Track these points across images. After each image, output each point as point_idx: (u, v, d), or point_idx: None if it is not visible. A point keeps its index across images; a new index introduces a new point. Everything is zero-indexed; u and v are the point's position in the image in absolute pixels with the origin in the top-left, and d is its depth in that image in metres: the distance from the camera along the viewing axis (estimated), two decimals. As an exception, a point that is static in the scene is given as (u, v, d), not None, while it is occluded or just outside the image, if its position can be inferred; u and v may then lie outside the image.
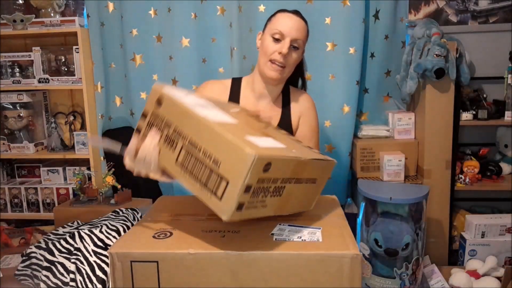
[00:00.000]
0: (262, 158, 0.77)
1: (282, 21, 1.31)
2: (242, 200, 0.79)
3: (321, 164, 1.01)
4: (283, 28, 1.29)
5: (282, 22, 1.31)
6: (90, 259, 1.43)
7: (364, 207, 1.69)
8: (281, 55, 1.29)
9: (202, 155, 0.83)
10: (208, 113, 0.89)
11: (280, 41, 1.30)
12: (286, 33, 1.29)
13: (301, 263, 0.83)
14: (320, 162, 1.01)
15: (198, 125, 0.85)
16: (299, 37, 1.31)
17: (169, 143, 0.90)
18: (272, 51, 1.30)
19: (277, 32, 1.29)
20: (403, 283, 1.62)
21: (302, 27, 1.33)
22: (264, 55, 1.32)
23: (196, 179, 0.84)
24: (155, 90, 0.95)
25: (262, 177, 0.81)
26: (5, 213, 2.37)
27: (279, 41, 1.30)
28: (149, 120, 0.96)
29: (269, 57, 1.30)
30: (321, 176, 1.06)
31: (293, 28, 1.30)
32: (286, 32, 1.29)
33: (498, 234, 1.90)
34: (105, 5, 2.23)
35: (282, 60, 1.30)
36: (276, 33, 1.30)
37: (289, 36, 1.29)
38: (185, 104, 0.89)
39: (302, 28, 1.33)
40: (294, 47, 1.32)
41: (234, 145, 0.78)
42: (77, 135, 2.31)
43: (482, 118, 1.98)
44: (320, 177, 1.05)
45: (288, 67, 1.33)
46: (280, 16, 1.33)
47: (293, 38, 1.30)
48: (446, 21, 2.19)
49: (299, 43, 1.32)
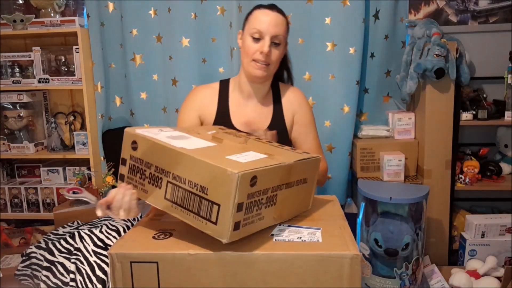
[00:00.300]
0: (245, 174, 0.78)
1: (260, 19, 1.30)
2: (237, 219, 0.80)
3: (306, 163, 1.01)
4: (261, 26, 1.28)
5: (259, 20, 1.29)
6: (90, 259, 1.43)
7: (364, 207, 1.69)
8: (262, 54, 1.28)
9: (188, 186, 0.84)
10: (184, 143, 0.91)
11: (260, 40, 1.29)
12: (265, 31, 1.28)
13: (301, 264, 0.83)
14: (305, 161, 1.01)
15: (177, 158, 0.86)
16: (278, 33, 1.30)
17: (154, 182, 0.92)
18: (254, 51, 1.29)
19: (255, 31, 1.28)
20: (403, 283, 1.62)
21: (281, 22, 1.31)
22: (247, 56, 1.32)
23: (188, 210, 0.85)
24: (127, 134, 0.98)
25: (251, 192, 0.82)
26: (5, 213, 2.37)
27: (259, 40, 1.29)
28: (129, 166, 0.98)
29: (252, 57, 1.30)
30: (311, 174, 1.06)
31: (271, 25, 1.28)
32: (265, 30, 1.28)
33: (498, 234, 1.90)
34: (105, 5, 2.23)
35: (265, 59, 1.29)
36: (255, 33, 1.29)
37: (268, 34, 1.28)
38: (160, 141, 0.91)
39: (280, 23, 1.31)
40: (275, 44, 1.30)
41: (216, 168, 0.80)
42: (77, 135, 2.31)
43: (482, 118, 1.97)
44: (310, 175, 1.06)
45: (272, 64, 1.32)
46: (256, 14, 1.32)
47: (273, 35, 1.28)
48: (446, 21, 2.19)
49: (280, 39, 1.31)
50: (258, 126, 1.39)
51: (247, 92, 1.41)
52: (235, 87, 1.44)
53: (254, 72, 1.32)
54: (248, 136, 1.19)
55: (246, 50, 1.32)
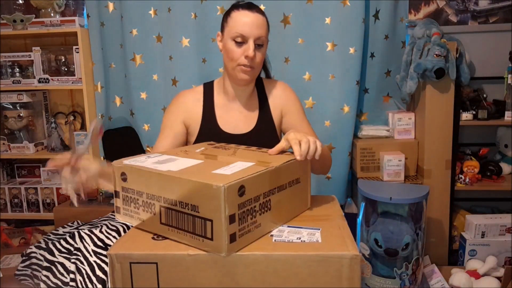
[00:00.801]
0: (231, 185, 0.80)
1: (240, 21, 1.25)
2: (231, 231, 0.81)
3: (295, 163, 1.02)
4: (243, 29, 1.25)
5: (240, 23, 1.25)
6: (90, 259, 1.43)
7: (364, 207, 1.69)
8: (248, 58, 1.25)
9: (180, 207, 0.86)
10: (171, 166, 0.94)
11: (243, 43, 1.26)
12: (248, 34, 1.25)
13: (301, 264, 0.83)
14: (294, 161, 1.01)
15: (164, 181, 0.89)
16: (261, 34, 1.27)
17: (148, 209, 0.94)
18: (238, 56, 1.26)
19: (237, 35, 1.25)
20: (403, 283, 1.62)
21: (262, 22, 1.28)
22: (231, 61, 1.29)
23: (184, 231, 0.87)
24: (116, 167, 1.00)
25: (242, 202, 0.84)
26: (5, 213, 2.37)
27: (242, 44, 1.26)
28: (123, 198, 1.00)
29: (236, 62, 1.27)
30: (303, 173, 1.06)
31: (253, 27, 1.25)
32: (248, 33, 1.25)
33: (498, 234, 1.90)
34: (105, 5, 2.23)
35: (250, 63, 1.27)
36: (238, 37, 1.25)
37: (251, 37, 1.25)
38: (147, 168, 0.93)
39: (261, 23, 1.27)
40: (259, 45, 1.28)
41: (202, 185, 0.82)
42: (77, 135, 2.31)
43: (482, 118, 1.97)
44: (302, 174, 1.06)
45: (257, 66, 1.30)
46: (236, 16, 1.27)
47: (256, 37, 1.25)
48: (446, 21, 2.19)
49: (263, 40, 1.28)
50: (245, 127, 1.38)
51: (232, 95, 1.39)
52: (220, 89, 1.42)
53: (240, 76, 1.29)
54: (237, 147, 1.19)
55: (229, 55, 1.29)
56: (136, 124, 2.35)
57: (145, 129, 2.32)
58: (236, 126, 1.39)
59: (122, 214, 1.02)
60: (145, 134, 2.33)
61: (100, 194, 2.17)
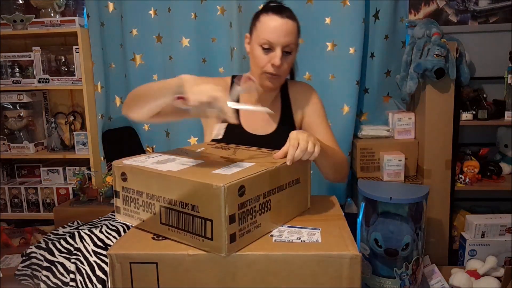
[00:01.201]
0: (231, 185, 0.80)
1: (269, 27, 1.20)
2: (231, 231, 0.82)
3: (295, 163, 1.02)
4: (271, 37, 1.20)
5: (268, 29, 1.20)
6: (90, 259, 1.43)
7: (364, 207, 1.68)
8: (274, 66, 1.21)
9: (180, 207, 0.87)
10: (171, 166, 0.94)
11: (270, 50, 1.21)
12: (275, 42, 1.20)
13: (301, 264, 0.83)
14: None
15: (164, 181, 0.89)
16: (289, 42, 1.22)
17: (148, 209, 0.94)
18: (264, 63, 1.22)
19: (265, 41, 1.20)
20: (403, 283, 1.62)
21: (291, 29, 1.22)
22: (257, 67, 1.25)
23: (184, 231, 0.87)
24: (116, 167, 1.00)
25: (242, 202, 0.84)
26: (5, 213, 2.37)
27: (269, 51, 1.22)
28: (123, 198, 1.00)
29: (262, 69, 1.24)
30: (303, 173, 1.06)
31: (282, 35, 1.20)
32: (275, 41, 1.20)
33: (498, 234, 1.90)
34: (105, 5, 2.23)
35: (276, 71, 1.23)
36: (265, 43, 1.21)
37: (279, 45, 1.20)
38: (147, 168, 0.93)
39: (291, 30, 1.22)
40: (287, 52, 1.23)
41: (202, 185, 0.82)
42: (77, 135, 2.31)
43: (482, 118, 1.97)
44: (303, 175, 1.06)
45: (284, 73, 1.27)
46: (265, 20, 1.22)
47: (284, 45, 1.21)
48: (446, 21, 2.19)
49: (291, 47, 1.23)
50: (266, 128, 1.36)
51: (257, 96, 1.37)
52: None
53: (265, 83, 1.26)
54: (237, 147, 1.19)
55: (256, 61, 1.25)
56: (136, 124, 2.35)
57: (145, 129, 2.32)
58: (258, 127, 1.36)
59: (122, 214, 1.02)
60: (145, 134, 2.33)
61: (100, 194, 2.17)
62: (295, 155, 0.97)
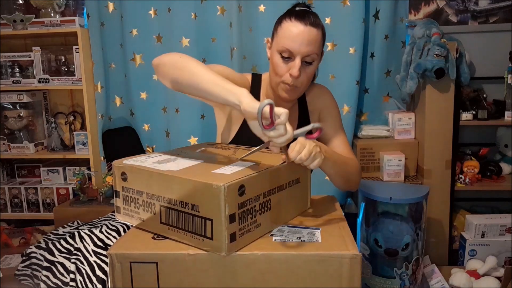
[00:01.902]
0: (231, 185, 0.80)
1: (290, 35, 1.11)
2: (231, 230, 0.82)
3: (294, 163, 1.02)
4: (291, 45, 1.11)
5: (290, 37, 1.11)
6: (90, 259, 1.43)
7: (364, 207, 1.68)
8: (292, 77, 1.13)
9: (180, 207, 0.87)
10: (171, 165, 0.94)
11: (290, 59, 1.13)
12: (296, 51, 1.11)
13: (300, 264, 0.83)
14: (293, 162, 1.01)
15: (164, 181, 0.89)
16: (311, 52, 1.12)
17: (148, 209, 0.94)
18: (283, 72, 1.14)
19: (284, 50, 1.12)
20: (403, 283, 1.62)
21: (314, 37, 1.12)
22: (275, 75, 1.17)
23: (184, 230, 0.87)
24: (116, 167, 1.00)
25: (242, 201, 0.84)
26: (5, 213, 2.37)
27: (289, 59, 1.13)
28: (123, 197, 1.00)
29: (280, 78, 1.15)
30: (303, 173, 1.06)
31: (303, 43, 1.10)
32: (295, 50, 1.11)
33: (498, 234, 1.90)
34: (105, 5, 2.23)
35: (294, 82, 1.14)
36: (284, 51, 1.12)
37: (299, 54, 1.11)
38: (147, 167, 0.93)
39: (314, 39, 1.12)
40: (307, 63, 1.14)
41: (202, 184, 0.82)
42: (77, 135, 2.31)
43: (482, 118, 1.97)
44: (302, 175, 1.06)
45: (302, 85, 1.18)
46: (287, 27, 1.13)
47: (304, 55, 1.11)
48: (446, 21, 2.19)
49: (313, 57, 1.13)
50: None
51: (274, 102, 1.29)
52: (264, 89, 1.29)
53: (282, 94, 1.18)
54: (237, 147, 1.19)
55: (274, 69, 1.16)
56: (136, 124, 2.35)
57: (145, 129, 2.32)
58: None
59: (122, 214, 1.02)
60: (145, 134, 2.33)
61: (100, 194, 2.17)
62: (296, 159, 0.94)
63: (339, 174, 1.16)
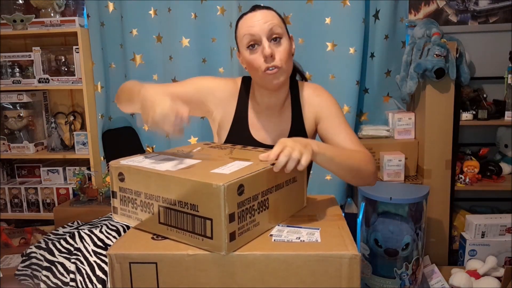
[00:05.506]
0: (231, 184, 0.80)
1: (247, 24, 1.14)
2: (231, 230, 0.82)
3: None
4: (251, 30, 1.12)
5: (246, 26, 1.14)
6: (90, 259, 1.43)
7: (364, 207, 1.69)
8: (267, 58, 1.11)
9: (179, 207, 0.86)
10: (169, 165, 0.94)
11: (257, 45, 1.13)
12: (257, 32, 1.12)
13: (300, 264, 0.83)
14: None
15: (163, 181, 0.89)
16: (272, 26, 1.12)
17: (146, 209, 0.94)
18: (259, 62, 1.13)
19: (248, 39, 1.13)
20: (403, 283, 1.62)
21: (270, 15, 1.14)
22: (255, 71, 1.15)
23: (184, 230, 0.87)
24: (113, 167, 1.00)
25: (241, 200, 0.84)
26: (5, 213, 2.38)
27: (258, 46, 1.13)
28: (120, 198, 1.00)
29: (259, 69, 1.13)
30: (299, 172, 1.06)
31: (260, 22, 1.12)
32: (256, 32, 1.12)
33: (498, 234, 1.90)
34: (105, 5, 2.23)
35: (273, 62, 1.12)
36: (249, 41, 1.13)
37: (262, 34, 1.11)
38: (144, 168, 0.93)
39: (270, 17, 1.14)
40: (275, 39, 1.13)
41: (201, 184, 0.82)
42: (77, 135, 2.31)
43: (482, 118, 1.97)
44: (299, 173, 1.06)
45: (282, 63, 1.15)
46: (242, 22, 1.16)
47: (268, 32, 1.11)
48: (446, 21, 2.19)
49: (278, 32, 1.13)
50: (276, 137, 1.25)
51: (265, 105, 1.26)
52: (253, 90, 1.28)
53: (270, 84, 1.16)
54: (233, 147, 1.19)
55: (250, 66, 1.16)
56: (136, 124, 2.35)
57: (145, 129, 2.32)
58: (267, 136, 1.28)
59: (120, 215, 1.02)
60: (145, 134, 2.33)
61: (100, 194, 2.17)
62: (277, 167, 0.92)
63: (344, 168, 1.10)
